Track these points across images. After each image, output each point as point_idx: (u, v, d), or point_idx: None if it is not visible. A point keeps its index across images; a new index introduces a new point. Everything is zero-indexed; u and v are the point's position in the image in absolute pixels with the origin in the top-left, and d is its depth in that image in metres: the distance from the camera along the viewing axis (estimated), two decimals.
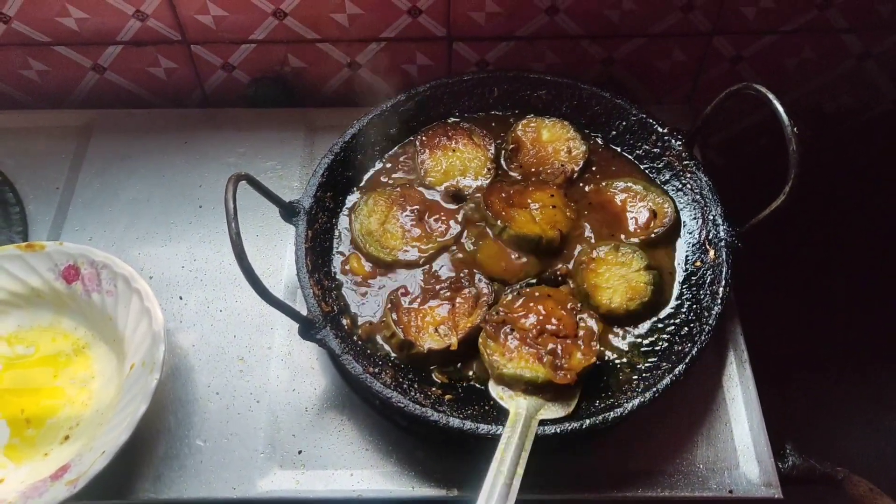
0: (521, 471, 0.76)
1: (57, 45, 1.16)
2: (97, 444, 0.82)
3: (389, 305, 0.91)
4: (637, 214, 0.99)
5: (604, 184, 1.02)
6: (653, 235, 0.96)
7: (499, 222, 0.96)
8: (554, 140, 1.05)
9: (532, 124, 1.06)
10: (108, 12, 1.11)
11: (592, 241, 0.97)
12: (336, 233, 0.99)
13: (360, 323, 0.91)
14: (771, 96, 0.85)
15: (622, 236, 0.97)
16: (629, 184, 1.01)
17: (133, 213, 1.09)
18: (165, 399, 0.92)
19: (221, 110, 1.21)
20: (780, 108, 0.83)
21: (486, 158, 1.04)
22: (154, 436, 0.90)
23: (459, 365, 0.89)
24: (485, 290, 0.92)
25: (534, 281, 0.94)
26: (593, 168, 1.04)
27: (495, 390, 0.85)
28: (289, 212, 0.95)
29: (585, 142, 1.05)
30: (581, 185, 1.03)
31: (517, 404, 0.82)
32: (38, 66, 1.20)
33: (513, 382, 0.84)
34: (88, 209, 1.09)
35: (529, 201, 1.00)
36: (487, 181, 1.02)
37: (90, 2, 1.10)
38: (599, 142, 1.07)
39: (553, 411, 0.83)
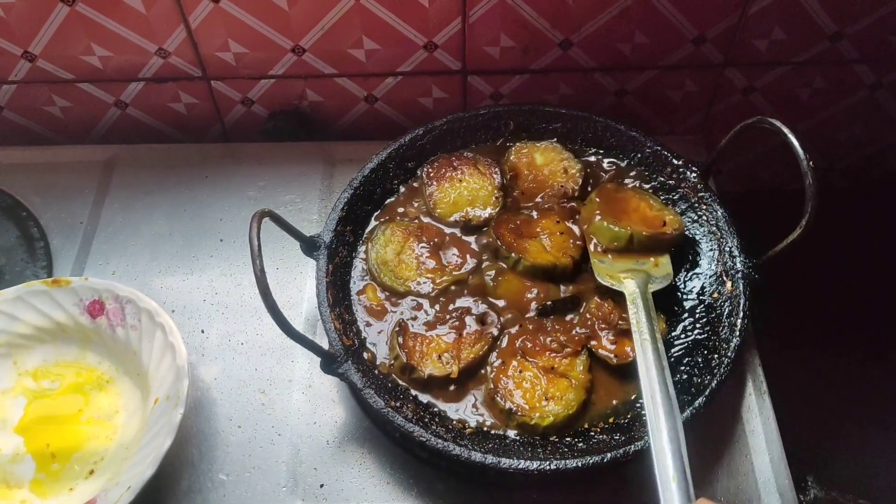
0: (660, 336, 0.86)
1: (80, 81, 1.19)
2: (122, 478, 0.83)
3: (397, 329, 0.93)
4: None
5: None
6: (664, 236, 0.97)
7: (512, 254, 0.97)
8: (549, 163, 1.06)
9: (524, 150, 1.08)
10: (132, 50, 1.14)
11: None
12: (355, 265, 1.00)
13: (378, 363, 0.92)
14: (786, 130, 0.85)
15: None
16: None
17: (155, 247, 1.10)
18: (188, 432, 0.93)
19: (241, 145, 1.23)
20: (796, 143, 0.84)
21: (493, 187, 1.05)
22: (177, 469, 0.91)
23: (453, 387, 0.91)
24: (492, 322, 0.94)
25: (549, 304, 0.95)
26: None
27: (603, 279, 0.94)
28: (309, 246, 0.96)
29: (580, 160, 1.06)
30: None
31: (627, 285, 0.93)
32: (62, 103, 1.22)
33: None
34: (112, 243, 1.11)
35: (538, 230, 1.01)
36: (496, 210, 1.03)
37: (114, 40, 1.12)
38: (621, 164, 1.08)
39: (659, 283, 0.94)
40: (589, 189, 1.05)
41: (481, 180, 1.06)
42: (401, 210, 1.05)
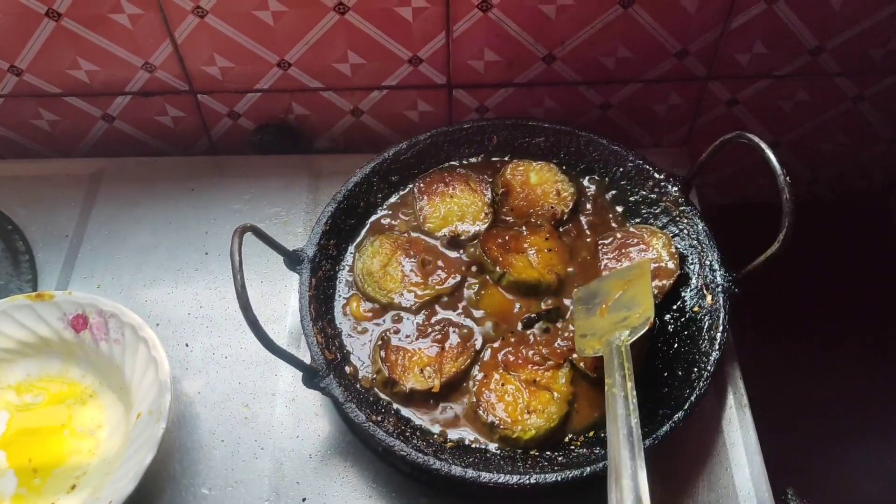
0: (630, 383, 0.79)
1: (67, 95, 1.19)
2: (104, 493, 0.83)
3: (380, 342, 0.93)
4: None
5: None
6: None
7: (497, 268, 0.98)
8: (542, 183, 1.07)
9: (520, 168, 1.08)
10: (118, 64, 1.14)
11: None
12: (339, 279, 1.01)
13: (360, 376, 0.92)
14: (764, 146, 0.86)
15: None
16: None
17: (141, 260, 1.11)
18: (171, 447, 0.93)
19: (227, 158, 1.24)
20: (773, 158, 0.85)
21: (482, 203, 1.06)
22: (159, 484, 0.91)
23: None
24: (474, 336, 0.94)
25: (534, 316, 0.96)
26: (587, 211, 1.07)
27: (587, 352, 0.88)
28: (293, 260, 0.96)
29: (574, 184, 1.07)
30: (570, 226, 1.05)
31: (604, 349, 0.85)
32: (49, 116, 1.23)
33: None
34: (97, 257, 1.11)
35: (526, 246, 1.01)
36: (485, 226, 1.04)
37: (100, 54, 1.13)
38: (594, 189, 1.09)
39: (640, 330, 0.85)
40: (578, 212, 1.06)
41: (472, 196, 1.06)
42: (385, 223, 1.06)
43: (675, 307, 0.97)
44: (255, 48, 1.12)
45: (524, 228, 1.04)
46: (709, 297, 0.94)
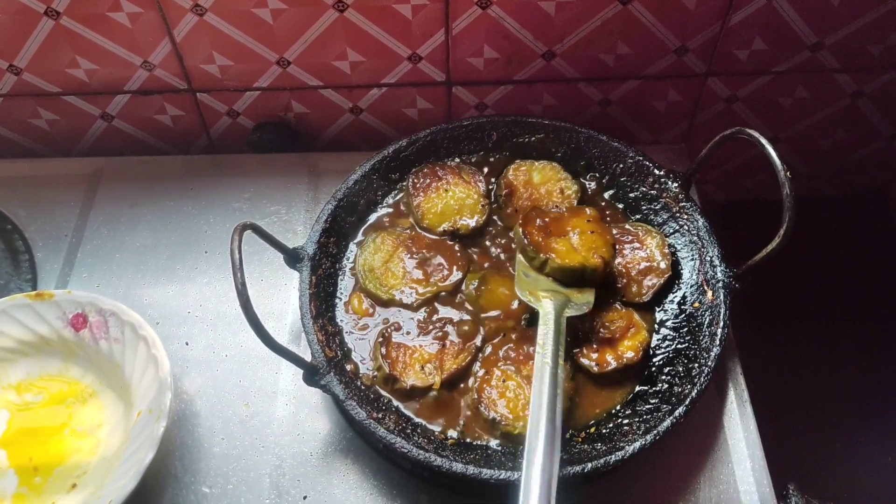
0: (562, 361, 0.84)
1: (66, 94, 1.19)
2: (104, 492, 0.83)
3: (381, 339, 0.93)
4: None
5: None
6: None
7: (540, 255, 0.93)
8: (546, 181, 1.07)
9: (523, 167, 1.08)
10: (117, 63, 1.14)
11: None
12: (340, 276, 1.01)
13: (360, 374, 0.92)
14: (764, 141, 0.86)
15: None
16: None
17: (140, 259, 1.10)
18: (171, 445, 0.93)
19: (227, 156, 1.23)
20: (773, 153, 0.85)
21: (478, 195, 1.05)
22: (160, 482, 0.91)
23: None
24: (475, 333, 0.94)
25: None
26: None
27: (523, 294, 0.92)
28: (293, 258, 0.96)
29: (577, 181, 1.07)
30: None
31: (544, 304, 0.90)
32: (48, 116, 1.22)
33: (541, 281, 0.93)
34: (96, 256, 1.11)
35: (568, 229, 0.96)
36: (483, 217, 1.04)
37: (99, 53, 1.13)
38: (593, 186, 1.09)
39: (577, 309, 0.90)
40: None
41: (466, 189, 1.06)
42: (386, 221, 1.06)
43: (676, 303, 0.97)
44: (255, 46, 1.12)
45: (566, 211, 0.99)
46: (709, 293, 0.94)
